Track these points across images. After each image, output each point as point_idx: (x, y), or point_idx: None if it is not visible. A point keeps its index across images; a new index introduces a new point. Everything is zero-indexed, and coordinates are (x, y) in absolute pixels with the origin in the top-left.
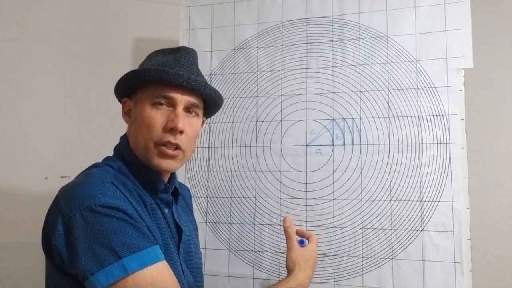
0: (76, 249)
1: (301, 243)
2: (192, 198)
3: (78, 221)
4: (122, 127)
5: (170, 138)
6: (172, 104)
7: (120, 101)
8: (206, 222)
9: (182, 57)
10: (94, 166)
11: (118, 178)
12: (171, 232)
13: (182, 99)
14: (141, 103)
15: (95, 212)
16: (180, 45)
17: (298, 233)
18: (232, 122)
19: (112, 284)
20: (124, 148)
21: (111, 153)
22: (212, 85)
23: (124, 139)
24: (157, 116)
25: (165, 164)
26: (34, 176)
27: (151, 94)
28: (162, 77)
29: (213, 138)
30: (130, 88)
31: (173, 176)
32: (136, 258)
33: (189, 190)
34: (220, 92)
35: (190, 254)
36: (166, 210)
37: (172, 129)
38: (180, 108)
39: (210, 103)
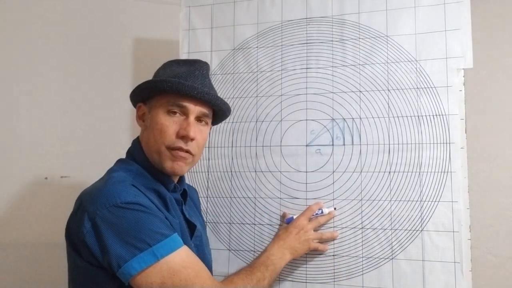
0: (107, 242)
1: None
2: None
3: (106, 217)
4: (122, 127)
5: (182, 144)
6: (185, 113)
7: (134, 105)
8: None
9: (197, 70)
10: (112, 170)
11: (137, 180)
12: (184, 226)
13: (194, 109)
14: (156, 110)
15: (121, 208)
16: (180, 45)
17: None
18: (232, 122)
19: (145, 269)
20: (136, 152)
21: (111, 153)
22: (212, 85)
23: (136, 142)
24: (170, 123)
25: (177, 166)
26: (34, 176)
27: (166, 102)
28: (178, 89)
29: (213, 138)
30: (146, 95)
31: (181, 178)
32: (164, 245)
33: (196, 191)
34: (220, 92)
35: (202, 250)
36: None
37: (183, 136)
38: (192, 117)
39: (219, 113)
